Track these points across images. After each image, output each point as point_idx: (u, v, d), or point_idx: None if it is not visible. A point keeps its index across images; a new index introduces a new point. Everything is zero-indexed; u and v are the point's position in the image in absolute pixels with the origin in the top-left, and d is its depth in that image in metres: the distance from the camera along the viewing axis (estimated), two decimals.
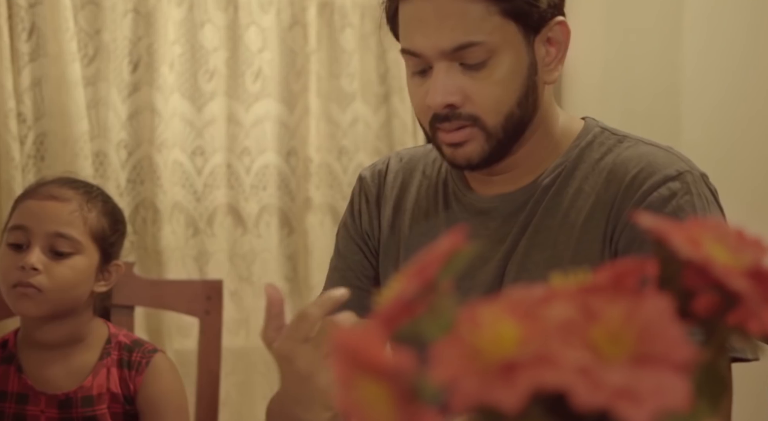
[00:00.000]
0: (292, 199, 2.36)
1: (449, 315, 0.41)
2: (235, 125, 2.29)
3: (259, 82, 2.31)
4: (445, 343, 0.38)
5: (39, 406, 1.40)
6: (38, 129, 2.08)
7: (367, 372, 0.38)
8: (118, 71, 2.14)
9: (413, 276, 0.43)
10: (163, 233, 2.17)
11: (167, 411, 1.45)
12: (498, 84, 1.06)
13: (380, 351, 0.37)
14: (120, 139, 2.16)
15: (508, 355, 0.36)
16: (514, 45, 1.07)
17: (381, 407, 0.37)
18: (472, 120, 1.07)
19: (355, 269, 1.23)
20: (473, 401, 0.36)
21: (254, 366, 2.27)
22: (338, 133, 2.37)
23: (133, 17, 2.16)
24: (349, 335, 0.38)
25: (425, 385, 0.37)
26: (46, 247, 1.38)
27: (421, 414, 0.37)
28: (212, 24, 2.25)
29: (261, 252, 2.32)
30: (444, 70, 1.06)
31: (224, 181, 2.28)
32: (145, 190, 2.18)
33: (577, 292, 0.39)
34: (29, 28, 2.05)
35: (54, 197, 1.41)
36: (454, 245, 0.44)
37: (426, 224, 1.18)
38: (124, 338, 1.48)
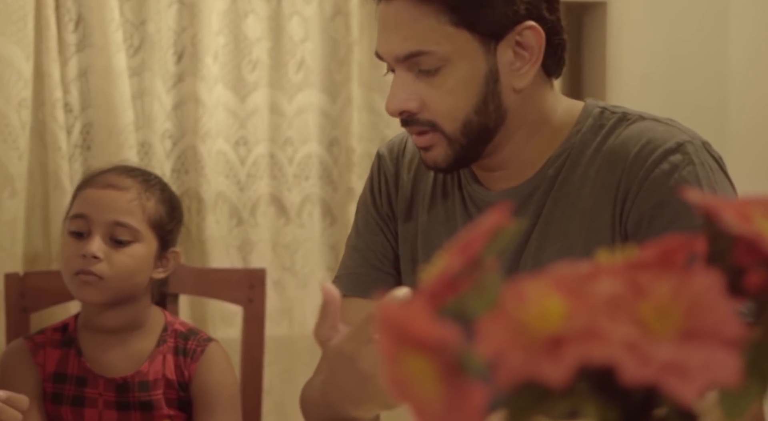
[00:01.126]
0: (335, 189, 2.37)
1: (494, 291, 0.41)
2: (278, 115, 2.30)
3: (301, 73, 2.31)
4: (490, 318, 0.38)
5: (97, 389, 1.43)
6: (85, 119, 2.11)
7: (413, 347, 0.38)
8: (162, 62, 2.16)
9: (458, 253, 0.43)
10: (207, 222, 2.19)
11: (220, 399, 1.47)
12: (451, 92, 1.05)
13: (426, 326, 0.37)
14: (165, 130, 2.18)
15: (555, 330, 0.36)
16: (468, 54, 1.05)
17: (427, 381, 0.37)
18: (430, 126, 1.07)
19: (375, 249, 1.22)
20: (519, 376, 0.36)
21: (297, 355, 2.29)
22: (381, 122, 2.37)
23: (177, 8, 2.18)
24: (395, 311, 0.39)
25: (471, 359, 0.37)
26: (106, 235, 1.41)
27: (467, 388, 0.37)
28: (255, 14, 2.26)
29: (303, 242, 2.33)
30: (401, 76, 1.06)
31: (267, 172, 2.30)
32: (189, 180, 2.20)
33: (623, 268, 0.39)
34: (76, 19, 2.08)
35: (113, 186, 1.44)
36: (498, 222, 0.44)
37: (444, 214, 1.18)
38: (180, 326, 1.51)
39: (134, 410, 1.45)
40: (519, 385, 0.36)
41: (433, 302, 0.41)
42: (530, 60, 1.07)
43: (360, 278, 1.21)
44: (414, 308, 0.39)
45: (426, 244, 1.18)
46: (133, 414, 1.44)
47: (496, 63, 1.06)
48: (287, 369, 2.28)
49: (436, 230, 1.17)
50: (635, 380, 0.35)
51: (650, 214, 1.03)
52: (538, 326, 0.36)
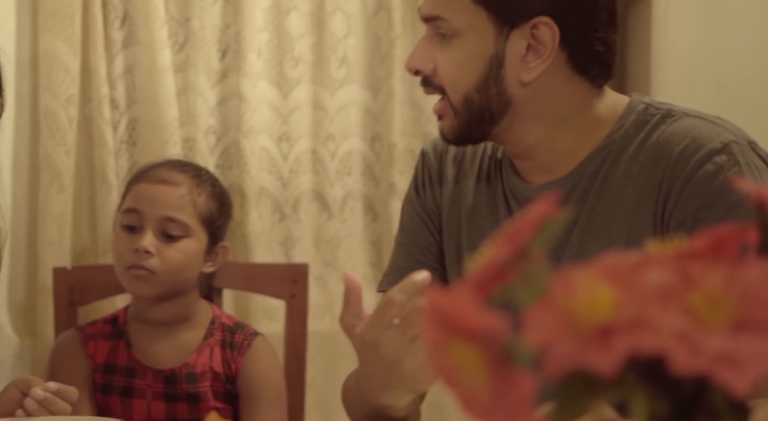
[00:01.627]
0: (377, 184, 2.37)
1: (542, 281, 0.41)
2: (320, 111, 2.31)
3: (344, 68, 2.32)
4: (538, 308, 0.37)
5: (146, 380, 1.46)
6: (130, 115, 2.14)
7: (461, 336, 0.38)
8: (206, 58, 2.18)
9: (505, 243, 0.43)
10: (250, 218, 2.20)
11: (266, 393, 1.48)
12: (456, 62, 1.08)
13: (474, 315, 0.37)
14: (209, 126, 2.20)
15: (604, 319, 0.36)
16: (479, 32, 1.06)
17: (474, 370, 0.37)
18: (441, 91, 1.10)
19: (420, 244, 1.23)
20: (568, 365, 0.36)
21: (339, 350, 2.29)
22: (423, 118, 2.37)
23: (222, 5, 2.20)
24: (442, 300, 0.38)
25: (519, 349, 0.37)
26: (158, 230, 1.43)
27: (515, 378, 0.36)
28: (298, 10, 2.27)
29: (346, 237, 2.33)
30: (425, 36, 1.10)
31: (309, 167, 2.31)
32: (232, 175, 2.21)
33: (674, 258, 0.38)
34: (122, 16, 2.11)
35: (165, 181, 1.46)
36: (545, 211, 0.43)
37: (487, 207, 1.18)
38: (227, 320, 1.53)
39: (182, 402, 1.46)
40: (567, 375, 0.36)
41: (480, 292, 0.41)
42: (542, 55, 1.07)
43: (406, 273, 1.21)
44: (461, 297, 0.39)
45: (470, 237, 1.18)
46: (180, 406, 1.46)
47: (505, 49, 1.07)
48: (330, 364, 2.28)
49: (480, 223, 1.17)
50: (686, 371, 0.34)
51: (694, 216, 1.02)
52: (587, 315, 0.36)
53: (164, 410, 1.46)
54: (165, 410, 1.46)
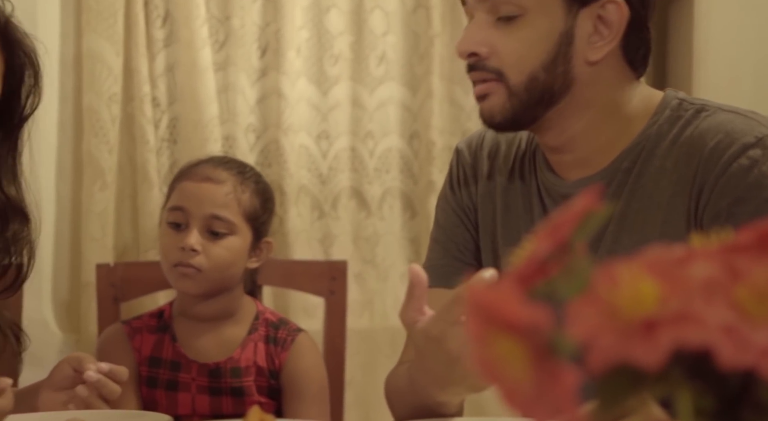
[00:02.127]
0: (415, 182, 2.37)
1: (585, 275, 0.40)
2: (359, 109, 2.32)
3: (383, 66, 2.32)
4: (581, 301, 0.37)
5: (191, 374, 1.47)
6: (171, 113, 2.16)
7: (503, 329, 0.37)
8: (247, 56, 2.20)
9: (547, 237, 0.43)
10: (289, 215, 2.21)
11: (309, 388, 1.49)
12: (523, 41, 1.05)
13: (516, 308, 0.37)
14: (248, 123, 2.21)
15: (649, 313, 0.35)
16: (549, 9, 1.05)
17: (516, 364, 0.37)
18: (496, 74, 1.06)
19: (456, 241, 1.23)
20: (611, 359, 0.35)
21: (378, 347, 2.30)
22: (462, 115, 2.37)
23: (262, 3, 2.21)
24: (484, 293, 0.38)
25: (562, 342, 0.37)
26: (203, 228, 1.45)
27: (558, 371, 0.36)
28: (338, 8, 2.28)
29: (384, 235, 2.34)
30: (478, 21, 1.07)
31: (348, 165, 2.31)
32: (272, 173, 2.23)
33: (719, 251, 0.38)
34: (163, 15, 2.13)
35: (210, 179, 1.47)
36: (588, 205, 0.43)
37: (522, 204, 1.17)
38: (271, 316, 1.54)
39: (226, 396, 1.48)
40: (611, 369, 0.36)
41: (522, 286, 0.41)
42: (608, 36, 1.07)
43: (442, 270, 1.22)
44: (503, 290, 0.39)
45: (505, 234, 1.18)
46: (224, 400, 1.48)
47: (574, 27, 1.06)
48: (368, 361, 2.29)
49: (515, 220, 1.17)
50: (732, 365, 0.34)
51: (728, 211, 1.01)
52: (631, 309, 0.36)
53: (209, 404, 1.47)
54: (209, 403, 1.47)
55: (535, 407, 0.36)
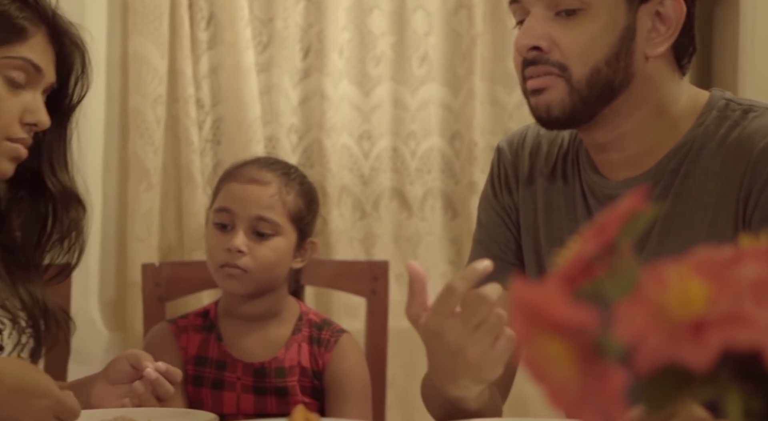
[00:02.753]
0: (456, 182, 2.37)
1: (632, 276, 0.40)
2: (401, 109, 2.32)
3: (424, 66, 2.32)
4: (629, 302, 0.37)
5: (236, 373, 1.49)
6: (215, 114, 2.18)
7: (549, 330, 0.38)
8: (290, 58, 2.21)
9: (593, 237, 0.43)
10: (331, 215, 2.22)
11: (352, 389, 1.50)
12: (587, 34, 1.04)
13: (563, 309, 0.37)
14: (291, 124, 2.23)
15: (697, 314, 0.35)
16: (612, 5, 1.05)
17: (563, 364, 0.37)
18: (559, 68, 1.05)
19: (498, 241, 1.23)
20: (659, 360, 0.35)
21: (419, 348, 2.27)
22: (504, 115, 2.36)
23: (304, 5, 2.22)
24: (530, 293, 0.39)
25: (609, 343, 0.37)
26: (249, 229, 1.47)
27: (605, 372, 0.36)
28: (380, 9, 2.28)
29: (425, 235, 2.33)
30: (536, 16, 1.06)
31: (390, 165, 2.32)
32: (314, 173, 2.24)
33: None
34: (207, 18, 2.15)
35: (255, 181, 1.49)
36: (634, 206, 0.43)
37: (564, 205, 1.17)
38: (314, 316, 1.55)
39: (270, 395, 1.49)
40: (659, 369, 0.36)
41: (568, 286, 0.41)
42: (665, 33, 1.07)
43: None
44: (549, 291, 0.39)
45: (548, 234, 1.17)
46: (269, 399, 1.49)
47: (635, 22, 1.06)
48: (410, 362, 2.29)
49: (557, 220, 1.17)
50: None
51: None
52: (679, 310, 0.36)
53: (253, 403, 1.49)
54: (254, 403, 1.49)
55: (581, 408, 0.37)
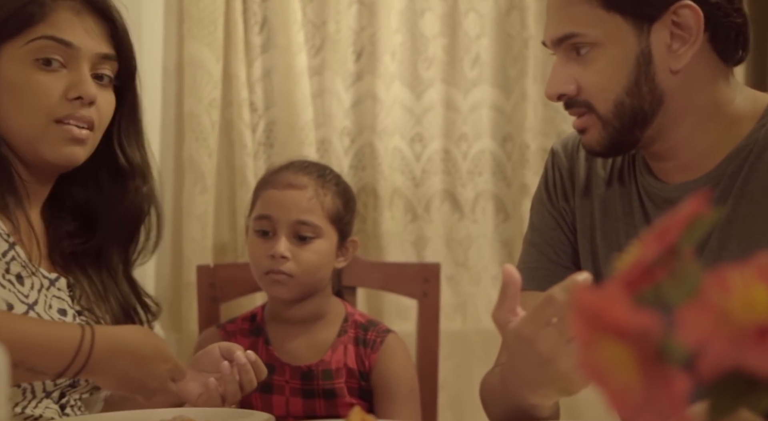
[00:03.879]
0: (508, 185, 2.36)
1: (694, 280, 0.40)
2: (453, 111, 2.32)
3: (476, 69, 2.32)
4: (692, 307, 0.37)
5: (284, 376, 1.50)
6: (268, 117, 2.20)
7: (611, 334, 0.37)
8: (342, 61, 2.22)
9: (653, 241, 0.43)
10: (383, 218, 2.23)
11: (399, 389, 1.50)
12: (600, 73, 1.06)
13: (624, 313, 0.37)
14: (343, 127, 2.24)
15: (762, 319, 0.35)
16: (619, 37, 1.05)
17: (625, 369, 0.37)
18: (587, 107, 1.08)
19: (552, 244, 1.22)
20: (724, 366, 0.35)
21: (471, 350, 2.29)
22: (557, 117, 2.34)
23: (357, 8, 2.23)
24: (590, 297, 0.38)
25: (672, 347, 0.36)
26: (291, 234, 1.48)
27: (668, 377, 0.36)
28: (432, 12, 2.28)
29: (477, 237, 2.33)
30: (559, 60, 1.09)
31: (441, 167, 2.32)
32: (366, 176, 2.25)
33: None
34: (261, 22, 2.17)
35: (292, 186, 1.50)
36: (695, 210, 0.43)
37: (621, 208, 1.16)
38: (360, 318, 1.56)
39: (318, 398, 1.50)
40: (723, 375, 0.35)
41: (629, 290, 0.41)
42: (688, 40, 1.05)
43: (537, 273, 1.21)
44: (611, 295, 0.38)
45: (604, 237, 1.16)
46: (317, 401, 1.50)
47: (650, 44, 1.05)
48: (461, 364, 2.29)
49: (614, 223, 1.16)
50: None
51: None
52: (744, 315, 0.35)
53: (302, 406, 1.50)
54: (302, 405, 1.50)
55: (643, 413, 0.36)
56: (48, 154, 1.15)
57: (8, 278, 1.12)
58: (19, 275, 1.13)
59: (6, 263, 1.12)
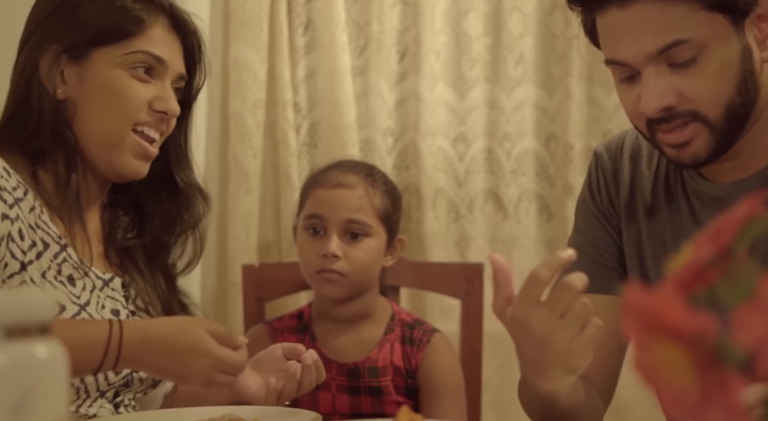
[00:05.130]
0: (551, 185, 2.35)
1: (749, 282, 0.40)
2: (497, 111, 2.31)
3: (520, 68, 2.31)
4: (749, 308, 0.37)
5: (331, 373, 1.51)
6: (312, 118, 2.21)
7: (665, 336, 0.37)
8: (386, 61, 2.22)
9: (707, 242, 0.42)
10: (426, 218, 2.23)
11: (445, 388, 1.51)
12: (713, 77, 1.03)
13: (679, 315, 0.37)
14: (387, 127, 2.24)
15: None
16: (724, 36, 1.03)
17: (680, 371, 0.37)
18: (691, 116, 1.05)
19: (597, 245, 1.21)
20: None
21: (514, 351, 2.27)
22: (603, 116, 2.33)
23: (401, 8, 2.23)
24: (644, 299, 0.38)
25: (729, 349, 0.36)
26: (342, 233, 1.50)
27: (725, 379, 0.36)
28: (476, 11, 2.28)
29: (520, 237, 2.32)
30: (653, 75, 1.04)
31: (485, 167, 2.31)
32: (409, 176, 2.25)
33: None
34: (305, 23, 2.18)
35: (342, 185, 1.52)
36: (750, 211, 0.43)
37: (667, 209, 1.15)
38: (406, 316, 1.57)
39: (365, 395, 1.50)
40: None
41: (682, 291, 0.41)
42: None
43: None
44: (665, 296, 0.38)
45: (650, 238, 1.16)
46: (363, 399, 1.50)
47: (746, 38, 1.04)
48: (504, 364, 2.28)
49: (660, 224, 1.15)
50: None
51: None
52: None
53: (348, 403, 1.50)
54: (349, 402, 1.50)
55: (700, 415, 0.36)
56: (118, 163, 1.19)
57: (60, 280, 1.14)
58: (70, 277, 1.16)
59: (58, 264, 1.15)
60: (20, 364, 0.48)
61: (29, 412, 0.48)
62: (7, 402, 0.47)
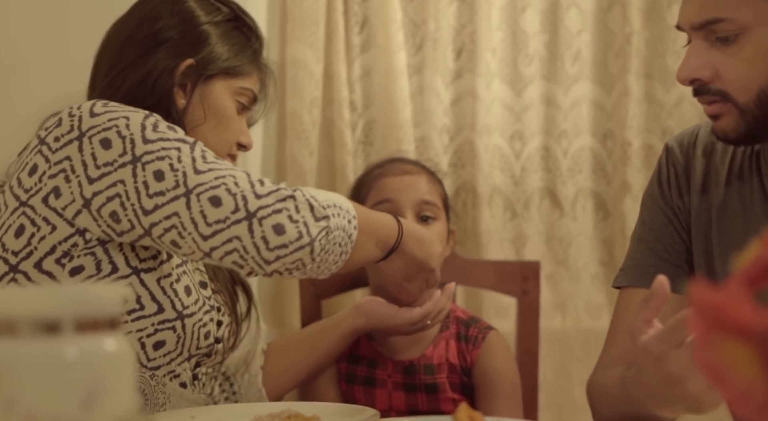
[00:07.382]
0: (608, 183, 2.32)
1: None
2: (554, 108, 2.29)
3: (577, 65, 2.29)
4: None
5: (386, 371, 1.52)
6: (367, 116, 2.22)
7: (731, 333, 0.37)
8: (442, 59, 2.22)
9: None
10: (482, 216, 2.22)
11: (501, 386, 1.50)
12: (747, 61, 1.01)
13: (746, 313, 0.37)
14: (443, 125, 2.24)
15: None
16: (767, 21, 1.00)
17: (747, 369, 0.37)
18: (721, 96, 1.04)
19: (663, 241, 1.19)
20: None
21: (571, 350, 2.26)
22: (662, 114, 2.30)
23: (457, 6, 2.23)
24: (710, 296, 0.38)
25: None
26: (416, 214, 1.52)
27: None
28: (533, 8, 2.27)
29: (577, 236, 2.30)
30: (695, 45, 1.04)
31: (541, 165, 2.30)
32: (465, 174, 2.24)
33: None
34: (361, 21, 2.19)
35: (408, 172, 1.56)
36: None
37: (740, 204, 1.12)
38: (462, 314, 1.57)
39: (420, 392, 1.51)
40: None
41: (749, 288, 0.40)
42: None
43: (646, 270, 1.19)
44: (731, 294, 0.38)
45: (720, 235, 1.13)
46: (419, 396, 1.51)
47: None
48: (561, 363, 2.26)
49: (732, 220, 1.13)
50: None
51: None
52: None
53: (404, 400, 1.51)
54: (405, 399, 1.51)
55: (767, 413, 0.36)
56: None
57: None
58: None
59: None
60: (90, 357, 0.49)
61: (99, 405, 0.49)
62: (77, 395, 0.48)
